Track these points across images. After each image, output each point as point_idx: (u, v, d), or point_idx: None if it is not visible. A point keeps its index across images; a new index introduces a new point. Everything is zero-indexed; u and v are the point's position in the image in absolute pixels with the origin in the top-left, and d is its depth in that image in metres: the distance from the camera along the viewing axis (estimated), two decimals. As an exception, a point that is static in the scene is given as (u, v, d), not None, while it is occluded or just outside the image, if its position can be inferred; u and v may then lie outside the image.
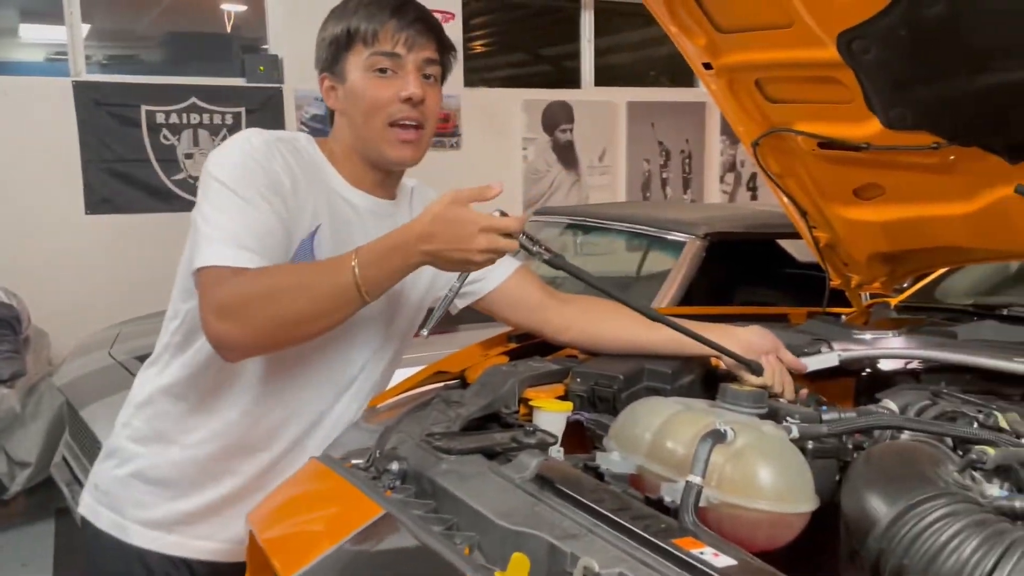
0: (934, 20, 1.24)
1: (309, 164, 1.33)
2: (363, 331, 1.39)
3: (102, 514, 1.40)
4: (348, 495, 1.01)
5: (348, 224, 1.35)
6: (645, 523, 0.85)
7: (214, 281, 1.17)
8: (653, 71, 6.82)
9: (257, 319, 1.16)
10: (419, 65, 1.31)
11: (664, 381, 1.37)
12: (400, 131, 1.31)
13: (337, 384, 1.39)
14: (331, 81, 1.34)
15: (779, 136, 1.69)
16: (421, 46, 1.31)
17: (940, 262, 1.96)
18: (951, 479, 0.86)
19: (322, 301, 1.18)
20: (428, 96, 1.32)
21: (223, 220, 1.20)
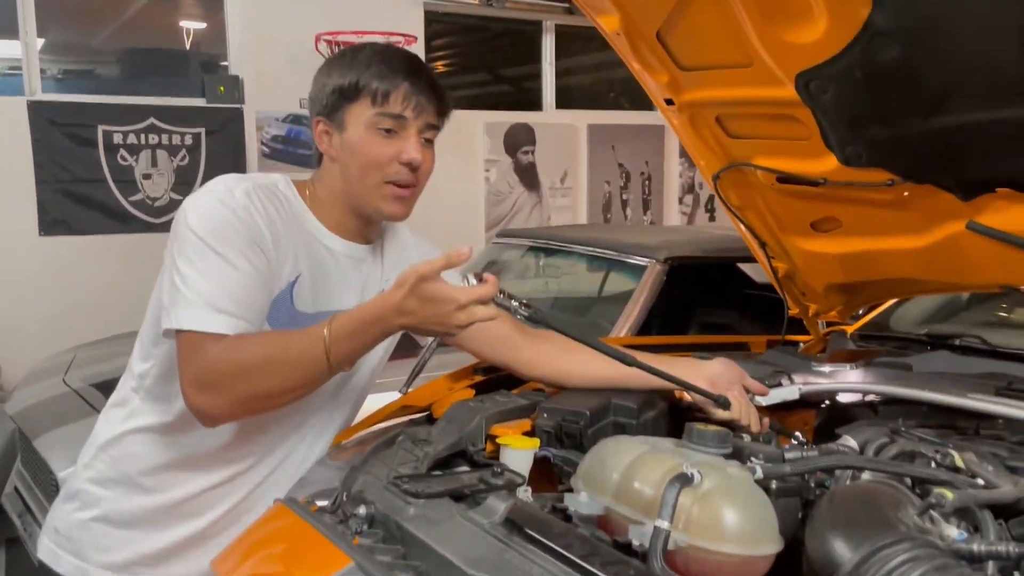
0: (889, 63, 1.28)
1: (288, 212, 1.32)
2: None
3: (62, 558, 1.37)
4: (315, 543, 1.00)
5: (327, 271, 1.35)
6: (615, 569, 0.86)
7: (192, 349, 1.17)
8: (613, 92, 6.90)
9: (232, 393, 1.17)
10: (420, 129, 1.33)
11: (630, 416, 1.38)
12: (396, 188, 1.33)
13: (304, 424, 1.39)
14: (327, 127, 1.34)
15: (739, 170, 1.72)
16: (426, 111, 1.33)
17: (895, 293, 2.01)
18: (911, 522, 0.88)
19: (294, 376, 1.19)
20: (425, 159, 1.34)
21: (200, 281, 1.19)
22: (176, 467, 1.33)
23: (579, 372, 1.47)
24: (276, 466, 1.37)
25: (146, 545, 1.35)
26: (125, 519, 1.35)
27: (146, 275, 5.21)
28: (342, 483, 1.16)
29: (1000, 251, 1.47)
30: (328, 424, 1.43)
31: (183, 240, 1.22)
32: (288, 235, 1.29)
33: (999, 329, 2.10)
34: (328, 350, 1.16)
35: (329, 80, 1.33)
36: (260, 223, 1.25)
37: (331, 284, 1.34)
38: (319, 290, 1.31)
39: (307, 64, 6.00)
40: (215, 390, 1.17)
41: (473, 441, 1.30)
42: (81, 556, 1.36)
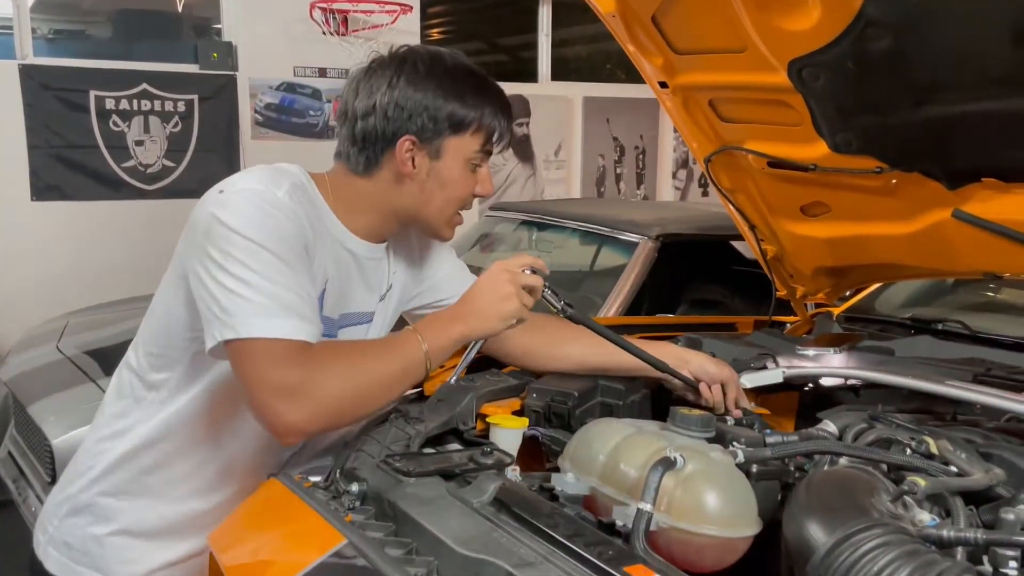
0: (880, 53, 1.30)
1: (316, 215, 1.25)
2: None
3: (81, 573, 1.33)
4: (308, 520, 1.02)
5: (349, 274, 1.33)
6: (598, 550, 0.89)
7: (273, 358, 1.08)
8: (609, 65, 6.87)
9: (329, 401, 1.10)
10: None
11: (617, 397, 1.41)
12: (459, 218, 1.36)
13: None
14: (418, 149, 1.25)
15: (731, 153, 1.74)
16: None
17: (881, 277, 2.04)
18: (885, 508, 0.91)
19: (393, 379, 1.19)
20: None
21: (269, 286, 1.10)
22: (204, 476, 1.31)
23: (576, 361, 1.48)
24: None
25: (172, 552, 1.33)
26: (148, 530, 1.32)
27: (138, 242, 5.27)
28: (335, 459, 1.19)
29: (984, 239, 1.50)
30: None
31: (228, 243, 1.11)
32: (316, 239, 1.23)
33: (981, 314, 2.13)
34: (427, 353, 1.19)
35: (443, 104, 1.23)
36: (305, 225, 1.19)
37: (352, 286, 1.33)
38: (342, 293, 1.31)
39: (301, 32, 5.96)
40: (309, 400, 1.08)
41: (464, 420, 1.33)
42: (102, 570, 1.32)
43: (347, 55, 5.19)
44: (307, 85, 5.24)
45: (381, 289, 1.41)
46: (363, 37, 5.20)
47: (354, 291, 1.34)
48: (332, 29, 5.09)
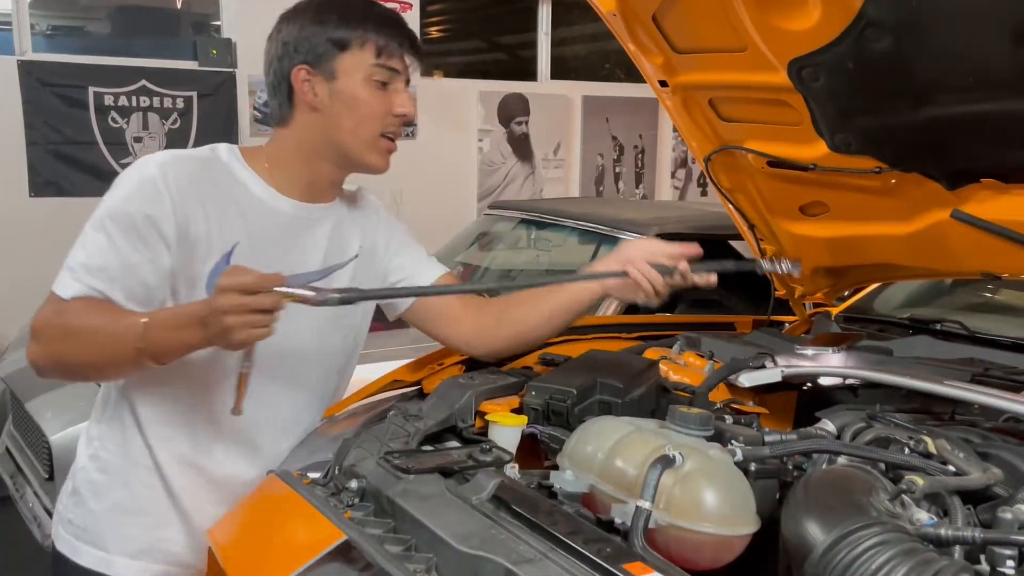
0: (880, 54, 1.30)
1: (223, 183, 1.31)
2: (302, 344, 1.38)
3: (83, 550, 1.36)
4: (308, 516, 1.03)
5: (273, 236, 1.34)
6: (597, 547, 0.89)
7: (47, 303, 1.24)
8: (608, 64, 6.87)
9: (51, 350, 1.23)
10: (407, 83, 1.36)
11: (616, 395, 1.41)
12: (388, 142, 1.35)
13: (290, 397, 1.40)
14: (313, 76, 1.31)
15: (730, 153, 1.74)
16: (412, 66, 1.37)
17: (880, 277, 2.04)
18: (883, 507, 0.92)
19: (104, 353, 1.21)
20: (415, 114, 1.40)
21: (82, 251, 1.25)
22: (178, 450, 1.34)
23: (513, 331, 1.50)
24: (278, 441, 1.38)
25: (166, 529, 1.35)
26: (140, 505, 1.35)
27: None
28: (334, 456, 1.19)
29: (983, 240, 1.50)
30: (319, 395, 1.45)
31: (96, 208, 1.27)
32: (221, 204, 1.29)
33: (979, 314, 2.13)
34: (142, 337, 1.15)
35: (322, 28, 1.30)
36: (167, 199, 1.24)
37: (279, 249, 1.33)
38: (264, 256, 1.28)
39: (301, 30, 5.88)
40: (39, 342, 1.23)
41: (463, 417, 1.33)
42: (102, 547, 1.35)
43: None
44: (306, 82, 5.24)
45: (336, 252, 1.40)
46: (363, 35, 5.20)
47: (280, 254, 1.32)
48: (332, 26, 5.08)
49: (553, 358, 1.62)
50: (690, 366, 1.61)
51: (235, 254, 1.29)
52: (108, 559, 1.36)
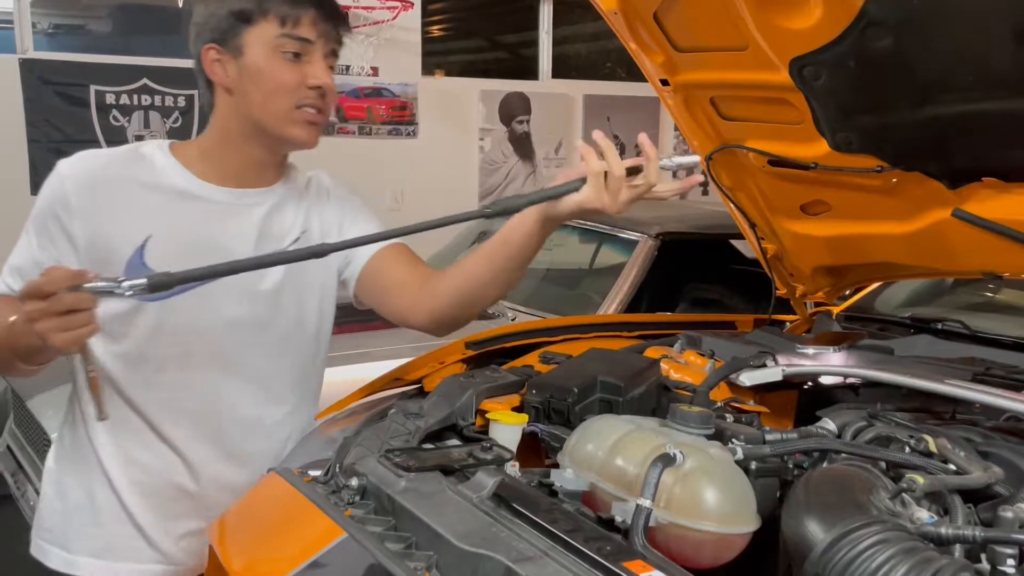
0: (881, 52, 1.30)
1: (140, 178, 1.30)
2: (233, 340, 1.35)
3: (51, 553, 1.37)
4: (308, 514, 1.03)
5: (195, 225, 1.31)
6: (597, 545, 0.89)
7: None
8: (609, 63, 6.86)
9: None
10: (325, 53, 1.30)
11: (617, 393, 1.41)
12: (308, 113, 1.30)
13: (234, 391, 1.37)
14: (222, 55, 1.28)
15: (731, 152, 1.74)
16: (331, 37, 1.30)
17: (881, 276, 2.04)
18: (883, 506, 0.92)
19: None
20: (332, 84, 1.31)
21: (14, 250, 1.32)
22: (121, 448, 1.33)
23: (454, 283, 1.37)
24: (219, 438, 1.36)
25: (122, 526, 1.34)
26: (95, 504, 1.34)
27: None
28: (335, 454, 1.19)
29: (984, 239, 1.50)
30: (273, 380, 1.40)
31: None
32: (135, 198, 1.28)
33: (981, 314, 2.13)
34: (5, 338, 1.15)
35: (224, 3, 1.27)
36: (74, 196, 1.26)
37: (203, 238, 1.30)
38: (186, 247, 1.26)
39: (303, 28, 5.86)
40: None
41: (464, 415, 1.33)
42: (66, 548, 1.36)
43: (348, 51, 5.18)
44: (308, 81, 5.24)
45: (274, 238, 1.36)
46: (364, 33, 5.20)
47: (205, 242, 1.29)
48: (333, 25, 5.09)
49: (554, 356, 1.62)
50: (691, 365, 1.61)
51: (151, 247, 1.27)
52: (72, 559, 1.35)
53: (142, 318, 1.28)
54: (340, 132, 5.36)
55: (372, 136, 5.47)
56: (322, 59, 1.29)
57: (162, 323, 1.29)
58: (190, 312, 1.29)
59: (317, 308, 1.43)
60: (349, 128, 5.39)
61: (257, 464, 1.33)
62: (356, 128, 5.42)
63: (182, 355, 1.31)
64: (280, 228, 1.37)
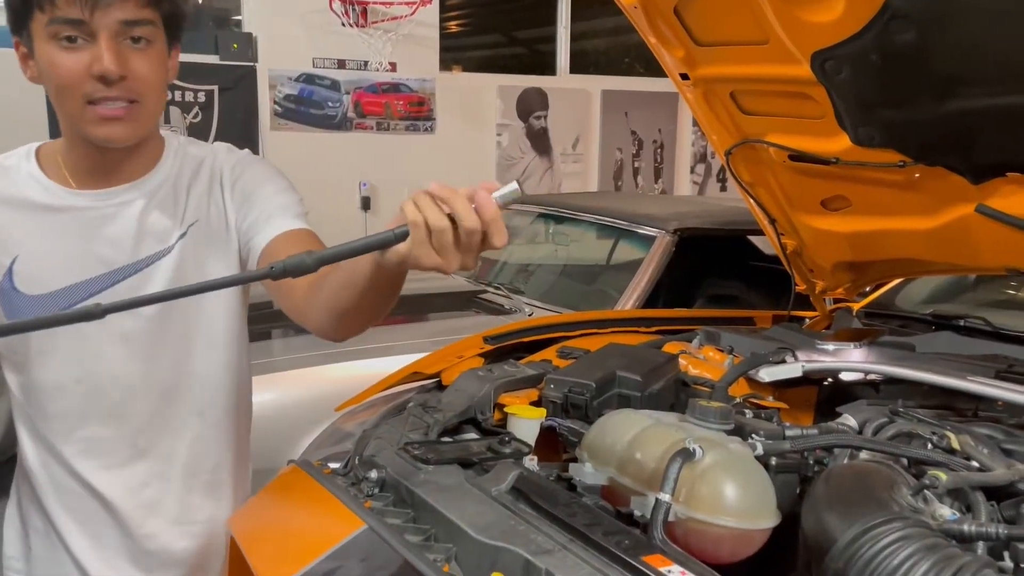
0: (904, 46, 1.28)
1: (7, 192, 1.18)
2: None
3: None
4: (329, 505, 1.03)
5: (66, 238, 1.18)
6: (616, 539, 0.89)
7: None
8: (627, 58, 6.84)
9: None
10: (115, 30, 1.07)
11: (635, 388, 1.41)
12: (98, 108, 1.09)
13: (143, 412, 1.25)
14: (24, 47, 1.11)
15: (751, 146, 1.73)
16: (111, 5, 1.06)
17: (902, 272, 2.02)
18: (905, 502, 0.91)
19: None
20: (136, 65, 1.09)
21: None
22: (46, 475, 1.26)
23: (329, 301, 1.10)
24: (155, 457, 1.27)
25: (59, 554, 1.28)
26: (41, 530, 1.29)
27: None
28: (354, 446, 1.19)
29: (1007, 234, 1.49)
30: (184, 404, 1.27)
31: None
32: (3, 215, 1.17)
33: (1004, 310, 2.11)
34: None
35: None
36: None
37: (78, 248, 1.18)
38: (61, 260, 1.16)
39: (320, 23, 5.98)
40: None
41: (482, 409, 1.34)
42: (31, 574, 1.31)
43: (366, 47, 5.20)
44: (326, 76, 5.26)
45: (154, 233, 1.21)
46: (382, 28, 5.21)
47: (77, 256, 1.17)
48: (351, 20, 5.10)
49: (572, 351, 1.62)
50: (710, 360, 1.61)
51: (20, 269, 1.16)
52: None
53: (33, 341, 1.18)
54: (358, 128, 5.38)
55: (390, 132, 5.48)
56: (110, 39, 1.07)
57: (54, 345, 1.18)
58: (75, 329, 1.11)
59: (221, 307, 1.27)
60: (367, 123, 5.41)
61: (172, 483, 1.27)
62: (374, 123, 5.43)
63: (76, 378, 1.21)
64: (163, 223, 1.21)
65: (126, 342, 1.20)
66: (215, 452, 1.30)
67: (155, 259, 1.20)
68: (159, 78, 1.14)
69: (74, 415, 1.22)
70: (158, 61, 1.13)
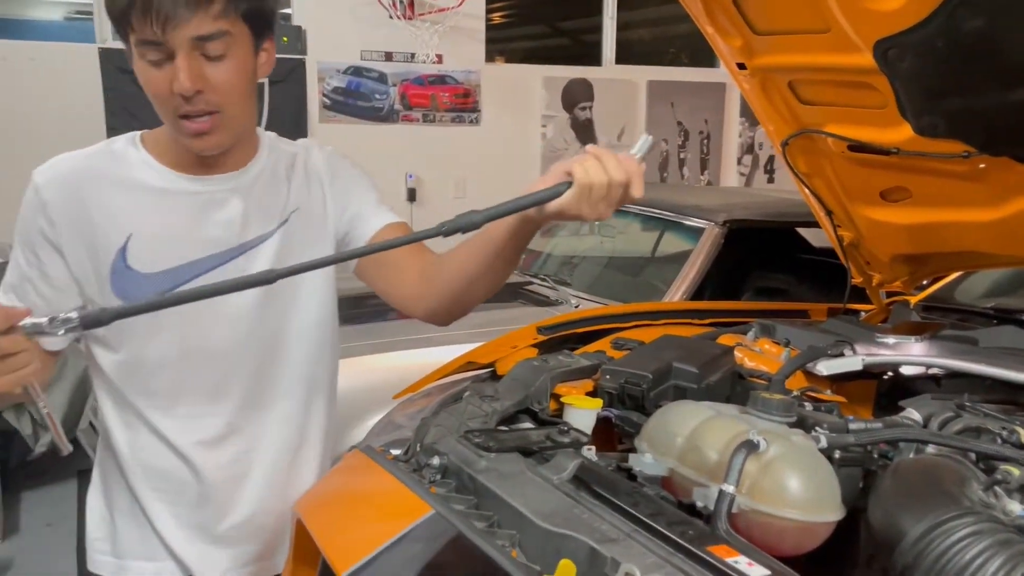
0: (972, 34, 1.26)
1: (114, 175, 1.22)
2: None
3: (100, 561, 1.36)
4: (395, 491, 1.05)
5: (175, 220, 1.23)
6: (680, 529, 0.89)
7: None
8: (673, 48, 6.78)
9: None
10: (190, 47, 1.09)
11: (692, 380, 1.40)
12: (188, 123, 1.15)
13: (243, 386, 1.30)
14: (129, 57, 1.16)
15: (809, 137, 1.71)
16: (183, 21, 1.07)
17: (962, 265, 1.98)
18: (976, 497, 0.90)
19: None
20: (214, 77, 1.12)
21: (7, 270, 1.24)
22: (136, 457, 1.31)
23: (449, 278, 1.26)
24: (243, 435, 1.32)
25: (145, 531, 1.32)
26: (130, 510, 1.33)
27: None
28: (414, 433, 1.21)
29: (1076, 227, 1.45)
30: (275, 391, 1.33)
31: None
32: (111, 197, 1.21)
33: (1069, 305, 2.06)
34: None
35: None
36: (49, 205, 1.19)
37: (188, 230, 1.23)
38: (171, 242, 1.21)
39: (368, 16, 6.01)
40: None
41: (538, 399, 1.34)
42: (116, 554, 1.35)
43: (413, 39, 5.22)
44: (373, 69, 5.29)
45: (257, 219, 1.27)
46: (429, 20, 5.23)
47: (187, 237, 1.23)
48: (399, 13, 5.13)
49: (626, 343, 1.62)
50: (766, 353, 1.60)
51: (132, 246, 1.21)
52: (122, 564, 1.35)
53: (143, 317, 1.17)
54: (404, 120, 5.41)
55: (436, 123, 5.50)
56: (184, 56, 1.09)
57: (161, 323, 1.22)
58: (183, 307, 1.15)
59: (316, 294, 1.34)
60: (413, 115, 5.44)
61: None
62: (420, 115, 5.46)
63: (181, 354, 1.26)
64: (266, 209, 1.28)
65: (229, 321, 1.26)
66: (302, 433, 1.36)
67: (259, 242, 1.27)
68: (241, 86, 1.17)
69: (176, 391, 1.27)
70: (238, 69, 1.16)
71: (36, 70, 4.53)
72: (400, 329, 2.81)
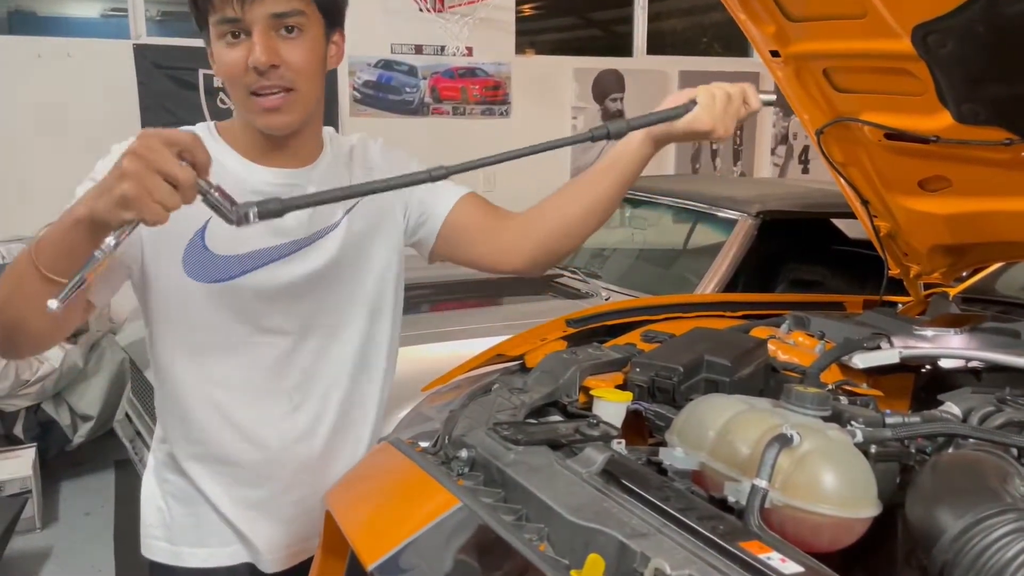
0: (1015, 17, 1.22)
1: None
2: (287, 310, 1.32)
3: (155, 547, 1.40)
4: (423, 483, 1.05)
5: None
6: (712, 524, 0.87)
7: None
8: (706, 38, 6.70)
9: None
10: (267, 23, 1.15)
11: (724, 373, 1.38)
12: (260, 99, 1.19)
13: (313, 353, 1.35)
14: (207, 45, 1.22)
15: (844, 125, 1.67)
16: (258, 8, 1.14)
17: (1004, 256, 1.93)
18: (1018, 493, 0.87)
19: (6, 283, 1.05)
20: (288, 54, 1.17)
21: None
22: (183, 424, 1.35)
23: (559, 217, 1.38)
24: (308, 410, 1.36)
25: (217, 512, 1.36)
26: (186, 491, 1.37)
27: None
28: (443, 426, 1.21)
29: (1123, 216, 1.41)
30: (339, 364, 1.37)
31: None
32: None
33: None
34: (33, 243, 1.02)
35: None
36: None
37: (261, 222, 1.23)
38: (243, 230, 1.16)
39: (398, 9, 6.01)
40: None
41: (567, 392, 1.33)
42: (170, 540, 1.39)
43: (443, 31, 5.22)
44: (403, 62, 5.30)
45: (323, 216, 1.31)
46: (459, 13, 5.22)
47: (275, 220, 1.16)
48: (429, 5, 5.13)
49: (656, 335, 1.60)
50: (800, 346, 1.57)
51: (212, 227, 1.24)
52: (176, 551, 1.38)
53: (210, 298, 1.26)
54: (435, 113, 5.41)
55: (466, 116, 5.50)
56: (261, 33, 1.15)
57: (227, 303, 1.27)
58: (255, 287, 1.26)
59: (377, 274, 1.39)
60: (443, 108, 5.44)
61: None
62: (450, 108, 5.46)
63: (249, 332, 1.29)
64: (332, 204, 1.27)
65: (292, 297, 1.30)
66: (360, 414, 1.41)
67: (324, 232, 1.32)
68: (313, 65, 1.22)
69: (244, 368, 1.31)
70: (311, 49, 1.20)
71: (72, 66, 4.59)
72: (429, 322, 2.82)
